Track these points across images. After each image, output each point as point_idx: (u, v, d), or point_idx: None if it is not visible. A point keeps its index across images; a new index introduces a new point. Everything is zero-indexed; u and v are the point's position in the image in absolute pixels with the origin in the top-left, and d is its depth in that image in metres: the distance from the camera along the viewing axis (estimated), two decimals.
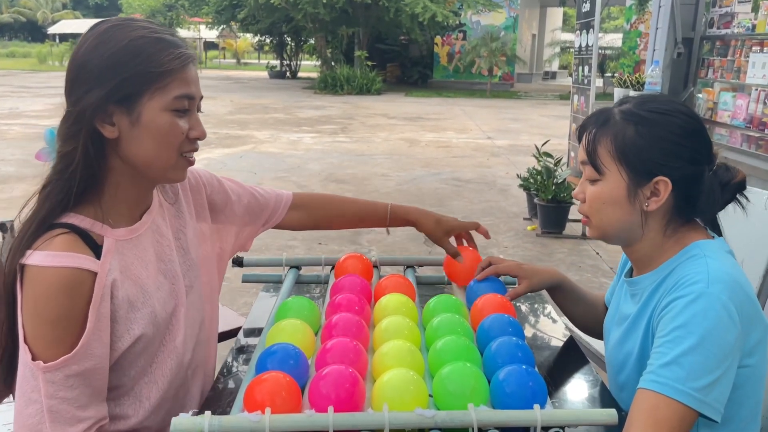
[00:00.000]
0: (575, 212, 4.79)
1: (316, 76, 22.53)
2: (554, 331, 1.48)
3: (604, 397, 1.17)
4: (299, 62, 28.34)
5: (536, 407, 0.91)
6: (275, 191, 1.43)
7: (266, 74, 27.74)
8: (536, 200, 4.98)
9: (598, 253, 4.59)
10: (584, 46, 5.77)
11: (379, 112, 14.43)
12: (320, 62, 22.66)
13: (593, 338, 1.83)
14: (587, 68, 5.64)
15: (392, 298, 1.24)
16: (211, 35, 35.10)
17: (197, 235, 1.24)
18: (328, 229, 1.52)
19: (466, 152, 9.01)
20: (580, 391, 1.24)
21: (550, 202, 4.85)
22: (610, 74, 19.39)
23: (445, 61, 23.84)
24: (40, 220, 1.01)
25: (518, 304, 1.59)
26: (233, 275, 1.53)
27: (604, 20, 22.14)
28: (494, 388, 0.98)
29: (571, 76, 7.85)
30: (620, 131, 1.07)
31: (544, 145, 5.04)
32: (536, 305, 1.61)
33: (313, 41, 24.35)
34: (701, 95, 4.55)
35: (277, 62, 28.95)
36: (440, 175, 7.35)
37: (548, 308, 1.59)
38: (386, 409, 0.89)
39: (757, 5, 4.27)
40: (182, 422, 0.88)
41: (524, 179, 5.18)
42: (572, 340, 1.42)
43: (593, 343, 1.96)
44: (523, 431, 0.92)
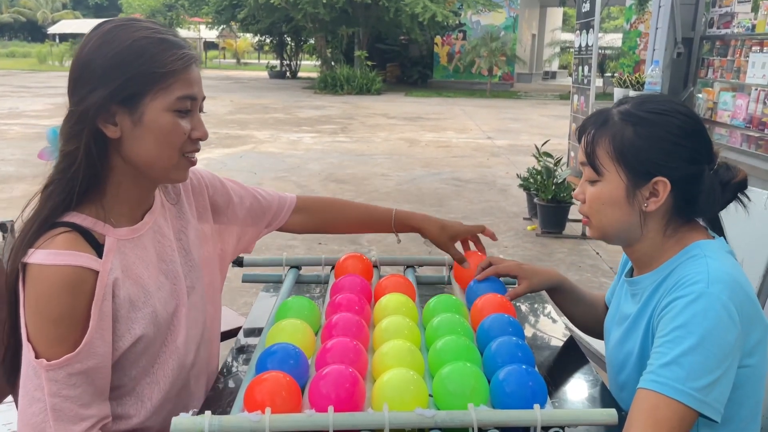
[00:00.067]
0: (575, 212, 4.79)
1: (316, 76, 22.52)
2: (554, 331, 1.48)
3: (604, 397, 1.17)
4: (299, 62, 28.33)
5: (536, 407, 0.91)
6: (278, 194, 1.43)
7: (266, 74, 27.73)
8: (536, 200, 4.98)
9: (598, 253, 4.59)
10: (584, 46, 5.77)
11: (379, 112, 14.42)
12: (320, 62, 22.66)
13: (593, 338, 1.83)
14: (587, 68, 5.64)
15: (392, 298, 1.24)
16: (211, 35, 35.10)
17: (199, 235, 1.24)
18: (331, 233, 1.51)
19: (466, 152, 9.01)
20: (580, 391, 1.24)
21: (550, 202, 4.85)
22: (610, 74, 19.37)
23: (445, 61, 23.83)
24: (42, 219, 1.01)
25: (518, 304, 1.59)
26: (233, 275, 1.53)
27: (604, 20, 22.15)
28: (494, 387, 0.98)
29: (571, 76, 7.85)
30: (618, 132, 1.07)
31: (544, 145, 5.04)
32: (536, 305, 1.61)
33: (313, 41, 24.34)
34: (701, 95, 4.55)
35: (277, 62, 28.94)
36: (440, 175, 7.35)
37: (548, 308, 1.59)
38: (386, 408, 0.89)
39: (756, 5, 4.27)
40: (182, 422, 0.88)
41: (524, 179, 5.18)
42: (572, 340, 1.42)
43: (593, 342, 1.96)
44: (523, 431, 0.92)
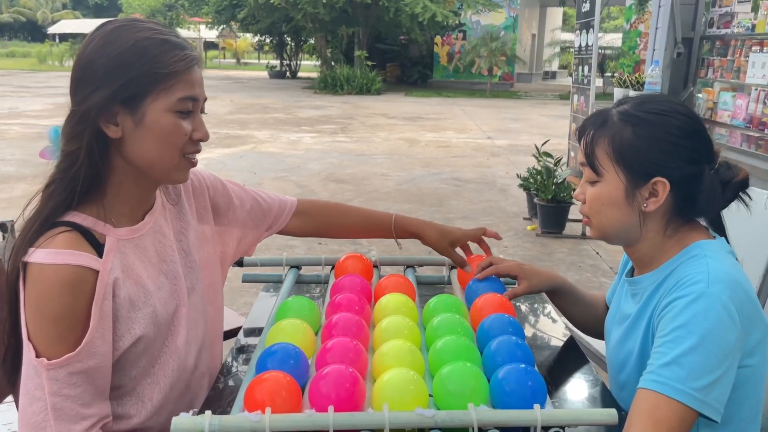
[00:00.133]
0: (575, 212, 4.80)
1: (316, 76, 22.53)
2: (554, 331, 1.48)
3: (604, 396, 1.17)
4: (299, 62, 28.33)
5: (536, 407, 0.91)
6: (279, 197, 1.43)
7: (266, 74, 27.73)
8: (536, 200, 4.98)
9: (597, 252, 4.59)
10: (584, 45, 5.76)
11: (378, 111, 14.42)
12: (320, 62, 22.66)
13: (593, 338, 1.83)
14: (587, 68, 5.64)
15: (392, 297, 1.24)
16: (211, 35, 35.09)
17: (199, 236, 1.24)
18: (330, 237, 1.51)
19: (465, 152, 9.01)
20: (580, 390, 1.24)
21: (549, 201, 4.85)
22: (609, 74, 19.38)
23: (444, 61, 23.83)
24: (43, 218, 1.01)
25: (518, 304, 1.59)
26: (233, 275, 1.53)
27: (603, 20, 22.14)
28: (494, 386, 0.98)
29: (570, 75, 7.85)
30: (617, 133, 1.07)
31: (543, 144, 5.04)
32: (536, 305, 1.61)
33: (313, 41, 24.34)
34: (701, 95, 4.55)
35: (277, 62, 28.95)
36: (440, 174, 7.35)
37: (548, 308, 1.59)
38: (386, 408, 0.89)
39: (756, 5, 4.27)
40: (182, 422, 0.88)
41: (524, 179, 5.18)
42: (572, 340, 1.42)
43: (593, 342, 1.96)
44: (523, 431, 0.92)
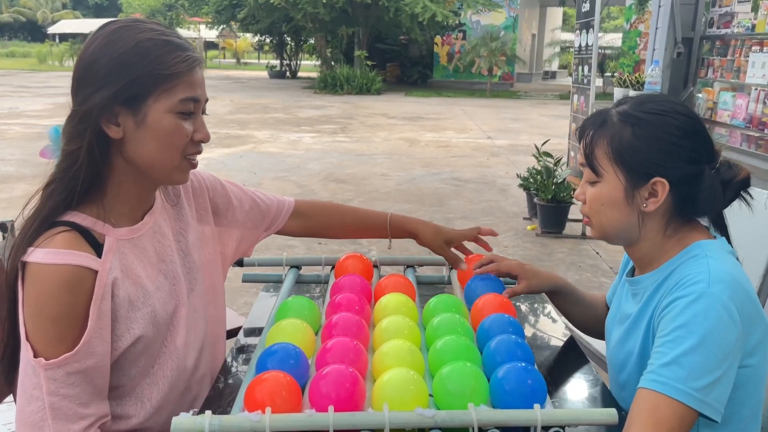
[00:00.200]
0: (575, 212, 4.80)
1: (316, 75, 22.53)
2: (554, 330, 1.48)
3: (604, 396, 1.17)
4: (299, 62, 28.33)
5: (536, 407, 0.91)
6: (277, 197, 1.43)
7: (266, 74, 27.73)
8: (536, 200, 4.98)
9: (597, 252, 4.59)
10: (584, 45, 5.76)
11: (378, 111, 14.42)
12: (320, 62, 22.66)
13: (593, 338, 1.83)
14: (587, 68, 5.64)
15: (392, 297, 1.24)
16: (211, 35, 35.09)
17: (199, 237, 1.25)
18: (327, 237, 1.53)
19: (465, 152, 9.01)
20: (580, 390, 1.23)
21: (549, 201, 4.85)
22: (609, 74, 19.37)
23: (444, 60, 23.83)
24: (42, 217, 1.01)
25: (518, 304, 1.59)
26: (233, 275, 1.53)
27: (603, 20, 22.13)
28: (494, 386, 0.98)
29: (570, 75, 7.85)
30: (617, 133, 1.07)
31: (543, 144, 5.04)
32: (536, 305, 1.61)
33: (313, 41, 24.34)
34: (701, 95, 4.55)
35: (277, 62, 28.95)
36: (440, 174, 7.35)
37: (548, 308, 1.59)
38: (386, 408, 0.89)
39: (756, 5, 4.27)
40: (183, 422, 0.88)
41: (524, 179, 5.18)
42: (572, 339, 1.42)
43: (593, 342, 1.96)
44: (523, 431, 0.92)
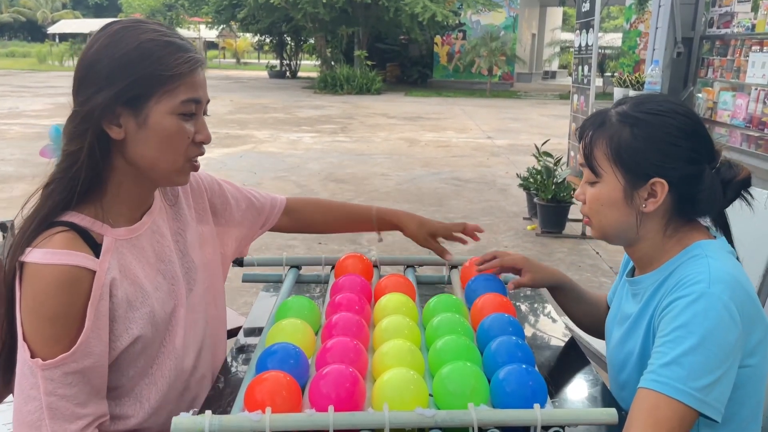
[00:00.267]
0: (575, 212, 4.80)
1: (315, 75, 22.52)
2: (554, 331, 1.48)
3: (604, 396, 1.17)
4: (299, 62, 28.33)
5: (536, 406, 0.91)
6: (270, 195, 1.45)
7: (266, 74, 27.72)
8: (536, 200, 4.98)
9: (597, 252, 4.59)
10: (584, 45, 5.76)
11: (378, 111, 14.42)
12: (320, 62, 22.66)
13: (594, 337, 1.83)
14: (587, 68, 5.63)
15: (392, 297, 1.24)
16: (210, 35, 35.09)
17: (198, 237, 1.25)
18: (315, 233, 1.54)
19: (465, 152, 9.01)
20: (580, 390, 1.23)
21: (549, 201, 4.85)
22: (609, 74, 19.37)
23: (444, 60, 23.83)
24: (41, 217, 1.01)
25: (518, 304, 1.59)
26: (233, 275, 1.53)
27: (603, 20, 22.14)
28: (494, 387, 0.98)
29: (570, 75, 7.85)
30: (616, 133, 1.07)
31: (543, 144, 5.04)
32: (536, 305, 1.61)
33: (312, 41, 24.34)
34: (701, 95, 4.55)
35: (276, 62, 28.94)
36: (440, 174, 7.35)
37: (548, 308, 1.59)
38: (386, 408, 0.89)
39: (756, 5, 4.27)
40: (183, 422, 0.88)
41: (524, 179, 5.18)
42: (572, 340, 1.42)
43: (594, 342, 1.96)
44: (523, 430, 0.92)
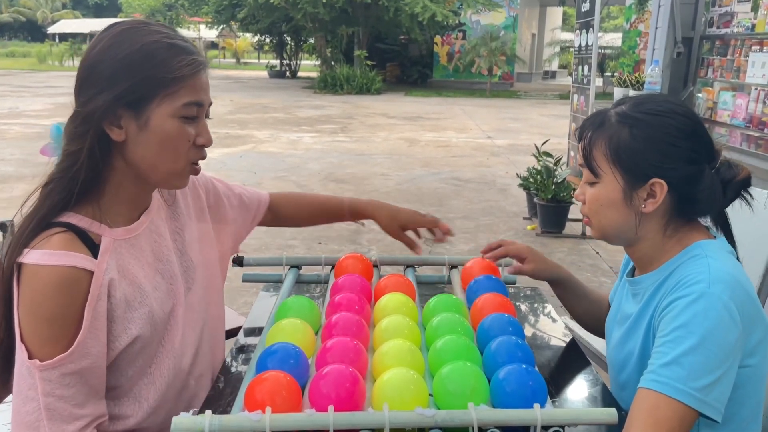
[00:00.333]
0: (575, 211, 4.80)
1: (315, 75, 22.52)
2: (554, 331, 1.48)
3: (604, 396, 1.17)
4: (299, 62, 28.32)
5: (536, 406, 0.91)
6: (255, 192, 1.46)
7: (266, 74, 27.71)
8: (536, 200, 4.98)
9: (597, 252, 4.59)
10: (584, 45, 5.76)
11: (378, 111, 14.42)
12: (320, 62, 22.65)
13: (594, 336, 1.83)
14: (587, 68, 5.63)
15: (392, 297, 1.24)
16: (210, 35, 35.10)
17: (196, 236, 1.25)
18: (295, 226, 1.58)
19: (465, 152, 9.01)
20: (580, 390, 1.23)
21: (549, 201, 4.85)
22: (609, 74, 19.36)
23: (444, 60, 23.82)
24: (39, 218, 1.01)
25: (518, 303, 1.59)
26: (233, 275, 1.53)
27: (603, 20, 22.13)
28: (494, 387, 0.98)
29: (570, 75, 7.85)
30: (615, 134, 1.07)
31: (543, 144, 5.04)
32: (536, 305, 1.61)
33: (312, 41, 24.34)
34: (701, 95, 4.55)
35: (276, 62, 28.94)
36: (440, 174, 7.35)
37: (548, 308, 1.59)
38: (386, 408, 0.89)
39: (756, 5, 4.26)
40: (183, 421, 0.88)
41: (524, 179, 5.18)
42: (573, 340, 1.42)
43: (594, 342, 1.96)
44: (523, 430, 0.92)
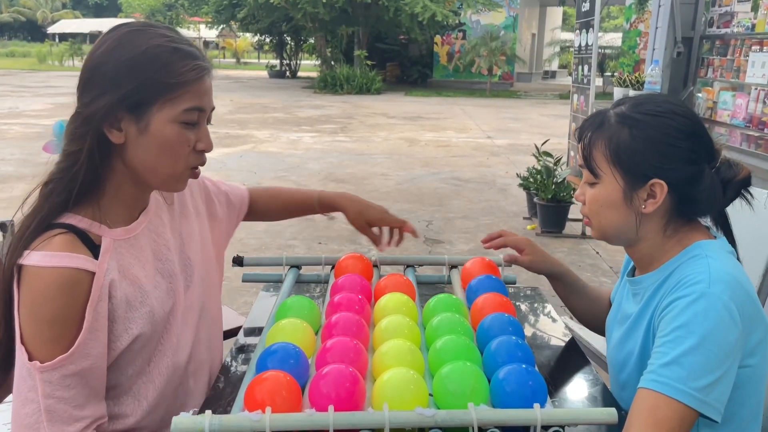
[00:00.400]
0: (575, 211, 4.80)
1: (315, 75, 22.51)
2: (554, 330, 1.48)
3: (604, 396, 1.17)
4: (299, 62, 28.32)
5: (536, 406, 0.91)
6: (238, 188, 1.46)
7: (266, 74, 27.71)
8: (536, 200, 4.98)
9: (597, 252, 4.59)
10: (584, 45, 5.76)
11: (378, 111, 14.42)
12: (320, 62, 22.65)
13: (594, 336, 1.83)
14: (587, 67, 5.63)
15: (392, 297, 1.24)
16: (210, 35, 35.10)
17: (194, 234, 1.25)
18: (270, 221, 1.61)
19: (465, 152, 9.01)
20: (580, 390, 1.24)
21: (549, 201, 4.85)
22: (609, 73, 19.36)
23: (444, 60, 23.82)
24: (39, 219, 1.01)
25: (518, 303, 1.59)
26: (233, 275, 1.53)
27: (603, 19, 22.14)
28: (494, 387, 0.98)
29: (570, 75, 7.85)
30: (614, 135, 1.07)
31: (543, 144, 5.04)
32: (536, 305, 1.61)
33: (312, 41, 24.33)
34: (701, 94, 4.55)
35: (276, 62, 28.94)
36: (440, 174, 7.35)
37: (548, 308, 1.59)
38: (386, 408, 0.89)
39: (756, 4, 4.26)
40: (183, 421, 0.88)
41: (524, 179, 5.18)
42: (573, 340, 1.42)
43: (593, 342, 1.96)
44: (523, 430, 0.92)
